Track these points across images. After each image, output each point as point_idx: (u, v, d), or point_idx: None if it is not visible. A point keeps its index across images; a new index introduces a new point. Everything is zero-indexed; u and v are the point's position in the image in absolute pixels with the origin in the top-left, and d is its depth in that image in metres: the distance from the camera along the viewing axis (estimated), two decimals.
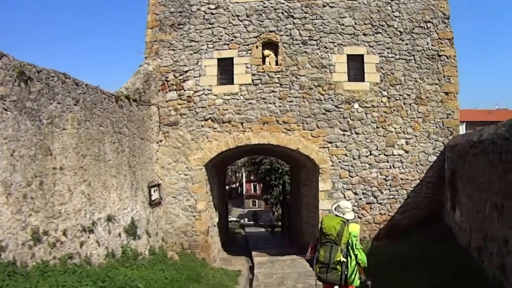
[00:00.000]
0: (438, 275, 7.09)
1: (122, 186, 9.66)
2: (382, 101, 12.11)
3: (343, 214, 5.45)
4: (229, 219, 47.38)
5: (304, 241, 13.84)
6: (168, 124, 12.07)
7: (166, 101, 12.15)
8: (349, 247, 5.18)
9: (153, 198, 11.23)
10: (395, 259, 8.95)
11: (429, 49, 12.32)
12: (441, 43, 12.35)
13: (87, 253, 7.66)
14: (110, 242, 8.73)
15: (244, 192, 70.79)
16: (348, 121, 11.90)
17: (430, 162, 12.34)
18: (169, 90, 12.18)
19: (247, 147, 12.81)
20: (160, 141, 12.10)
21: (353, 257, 5.17)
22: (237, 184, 75.15)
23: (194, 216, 11.86)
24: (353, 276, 5.16)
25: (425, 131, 12.34)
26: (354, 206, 11.85)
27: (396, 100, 12.18)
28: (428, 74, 12.35)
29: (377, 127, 12.03)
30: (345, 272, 5.09)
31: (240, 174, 70.04)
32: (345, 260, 5.10)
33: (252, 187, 68.43)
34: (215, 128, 11.80)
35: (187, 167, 11.87)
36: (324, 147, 11.81)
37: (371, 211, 12.03)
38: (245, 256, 15.13)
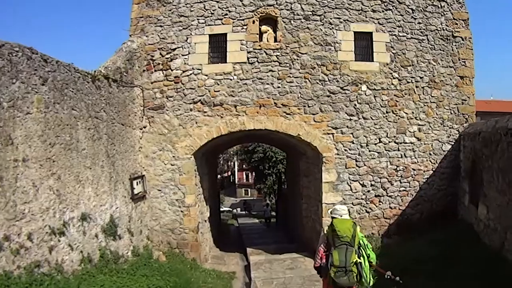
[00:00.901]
0: (472, 285, 6.07)
1: (99, 179, 8.59)
2: (392, 84, 11.07)
3: (341, 216, 5.47)
4: (221, 209, 47.08)
5: (305, 237, 12.88)
6: (153, 108, 10.91)
7: (151, 83, 10.98)
8: (361, 248, 5.28)
9: (135, 192, 10.13)
10: (413, 261, 7.98)
11: (443, 30, 11.42)
12: (456, 24, 11.46)
13: (57, 259, 6.71)
14: (85, 245, 7.74)
15: (236, 181, 70.46)
16: (355, 105, 10.83)
17: (444, 151, 11.46)
18: (155, 70, 11.00)
19: (241, 133, 11.70)
20: (144, 127, 10.95)
21: (365, 257, 5.26)
22: (229, 173, 74.95)
23: (182, 211, 10.80)
24: (369, 276, 5.25)
25: (439, 117, 11.43)
26: (362, 199, 10.88)
27: (408, 82, 11.17)
28: (442, 56, 11.45)
29: (387, 112, 10.99)
30: (361, 273, 5.17)
31: (232, 163, 69.72)
32: (360, 260, 5.20)
33: (244, 176, 68.52)
34: (205, 112, 10.65)
35: (173, 156, 10.75)
36: (328, 133, 10.74)
37: (380, 204, 11.05)
38: (240, 252, 14.16)
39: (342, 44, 10.92)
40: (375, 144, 10.96)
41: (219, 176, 60.18)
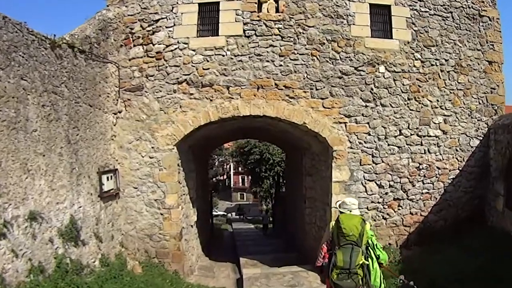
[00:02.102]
0: None
1: (56, 170, 7.04)
2: (415, 66, 9.60)
3: (350, 211, 5.03)
4: (215, 213, 45.85)
5: (307, 246, 11.29)
6: (130, 89, 9.35)
7: (129, 59, 9.45)
8: (369, 248, 4.91)
9: (105, 189, 8.56)
10: (450, 280, 6.43)
11: (469, 7, 10.09)
12: (482, 2, 10.18)
13: None
14: (35, 251, 6.23)
15: (232, 185, 69.51)
16: (372, 89, 9.27)
17: (472, 147, 10.06)
18: (134, 45, 9.48)
19: (235, 123, 10.14)
20: (119, 112, 9.39)
21: (374, 258, 4.89)
22: (225, 176, 73.78)
23: (161, 214, 9.22)
24: (377, 280, 4.85)
25: (466, 107, 10.04)
26: (378, 203, 9.31)
27: (432, 65, 9.73)
28: (469, 37, 10.09)
29: (408, 99, 9.47)
30: (367, 276, 4.79)
31: (228, 166, 68.68)
32: (367, 262, 4.83)
33: (240, 180, 67.32)
34: (191, 94, 9.08)
35: (152, 147, 9.18)
36: (340, 122, 9.18)
37: (399, 209, 9.51)
38: (232, 262, 12.57)
39: (356, 17, 9.40)
40: (395, 136, 9.41)
41: (214, 179, 59.13)
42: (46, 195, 6.71)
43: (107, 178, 8.66)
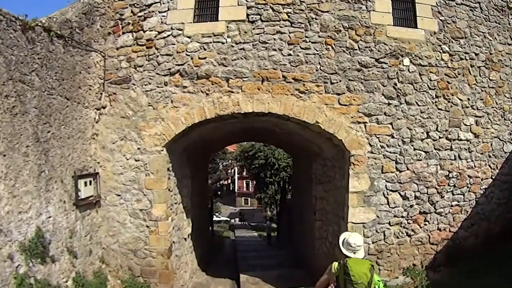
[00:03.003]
0: None
1: (19, 173, 5.98)
2: (442, 59, 8.37)
3: (354, 253, 4.63)
4: (218, 219, 44.77)
5: (317, 264, 9.99)
6: (116, 81, 8.21)
7: (117, 48, 8.32)
8: None
9: (83, 195, 7.40)
10: None
11: None
12: None
13: None
14: None
15: (236, 190, 68.33)
16: (395, 84, 8.03)
17: (505, 152, 8.89)
18: (123, 33, 8.36)
19: (235, 123, 8.98)
20: (103, 107, 8.23)
21: None
22: (229, 181, 72.88)
23: (147, 226, 8.00)
24: None
25: (499, 107, 8.86)
26: (402, 217, 8.05)
27: (461, 59, 8.50)
28: (499, 30, 8.93)
29: (436, 96, 8.24)
30: None
31: (232, 170, 67.93)
32: None
33: (244, 184, 66.27)
34: (184, 87, 7.88)
35: (138, 148, 8.00)
36: (359, 122, 7.94)
37: (426, 224, 8.25)
38: (231, 278, 11.36)
39: (376, 3, 8.16)
40: (422, 140, 8.15)
41: (217, 184, 58.18)
42: (5, 202, 5.62)
43: (85, 183, 7.49)
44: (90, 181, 7.70)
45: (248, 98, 7.68)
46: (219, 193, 53.45)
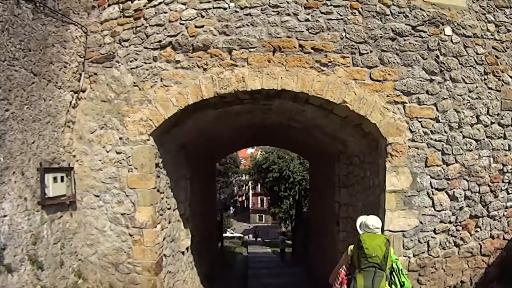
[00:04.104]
0: None
1: None
2: (488, 30, 6.80)
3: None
4: (231, 235, 43.35)
5: None
6: (98, 60, 6.81)
7: (101, 23, 6.94)
8: (394, 273, 4.26)
9: (51, 194, 5.92)
10: None
11: None
12: None
13: None
14: None
15: (250, 206, 67.63)
16: (438, 56, 6.48)
17: None
18: (109, 5, 6.94)
19: (241, 112, 7.52)
20: (83, 91, 6.82)
21: (398, 285, 4.24)
22: (243, 198, 72.07)
23: (130, 234, 6.42)
24: None
25: None
26: (450, 222, 6.41)
27: (509, 31, 6.92)
28: None
29: (485, 73, 6.66)
30: None
31: (246, 187, 67.16)
32: None
33: (259, 201, 65.11)
34: (177, 62, 6.41)
35: (120, 138, 6.51)
36: (397, 102, 6.33)
37: (477, 232, 6.56)
38: None
39: None
40: (472, 125, 6.52)
41: (231, 199, 57.14)
42: None
43: (55, 179, 6.00)
44: (62, 177, 6.23)
45: (256, 73, 6.14)
46: (232, 208, 52.33)
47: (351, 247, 4.40)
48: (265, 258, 24.33)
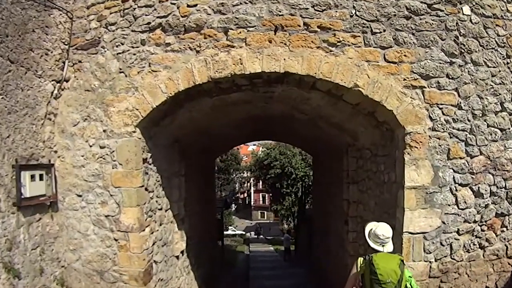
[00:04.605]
0: None
1: None
2: (508, 10, 6.11)
3: (382, 246, 4.20)
4: (233, 233, 42.84)
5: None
6: (83, 46, 6.19)
7: (87, 7, 6.29)
8: None
9: (28, 194, 5.31)
10: None
11: None
12: None
13: None
14: None
15: (252, 203, 67.38)
16: (457, 37, 5.81)
17: None
18: None
19: (239, 101, 6.88)
20: (66, 80, 6.19)
21: None
22: (245, 194, 71.76)
23: (115, 239, 5.78)
24: None
25: None
26: (474, 222, 5.76)
27: None
28: None
29: (507, 56, 5.98)
30: None
31: (248, 184, 66.83)
32: None
33: (260, 198, 64.94)
34: (167, 45, 5.75)
35: (104, 131, 5.86)
36: (415, 87, 5.65)
37: (503, 232, 5.90)
38: None
39: None
40: (496, 113, 5.86)
41: (233, 196, 56.61)
42: None
43: (32, 177, 5.37)
44: (41, 175, 5.61)
45: (256, 54, 5.46)
46: (233, 205, 51.82)
47: (360, 260, 4.18)
48: (268, 257, 23.75)
